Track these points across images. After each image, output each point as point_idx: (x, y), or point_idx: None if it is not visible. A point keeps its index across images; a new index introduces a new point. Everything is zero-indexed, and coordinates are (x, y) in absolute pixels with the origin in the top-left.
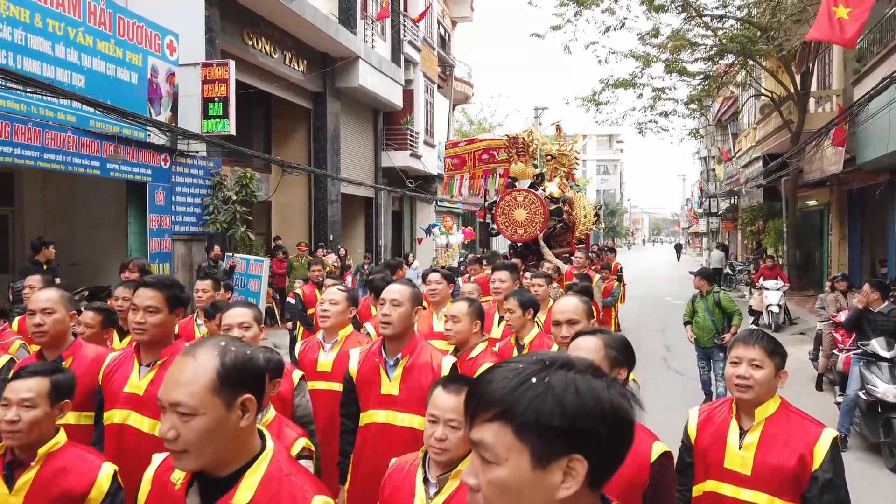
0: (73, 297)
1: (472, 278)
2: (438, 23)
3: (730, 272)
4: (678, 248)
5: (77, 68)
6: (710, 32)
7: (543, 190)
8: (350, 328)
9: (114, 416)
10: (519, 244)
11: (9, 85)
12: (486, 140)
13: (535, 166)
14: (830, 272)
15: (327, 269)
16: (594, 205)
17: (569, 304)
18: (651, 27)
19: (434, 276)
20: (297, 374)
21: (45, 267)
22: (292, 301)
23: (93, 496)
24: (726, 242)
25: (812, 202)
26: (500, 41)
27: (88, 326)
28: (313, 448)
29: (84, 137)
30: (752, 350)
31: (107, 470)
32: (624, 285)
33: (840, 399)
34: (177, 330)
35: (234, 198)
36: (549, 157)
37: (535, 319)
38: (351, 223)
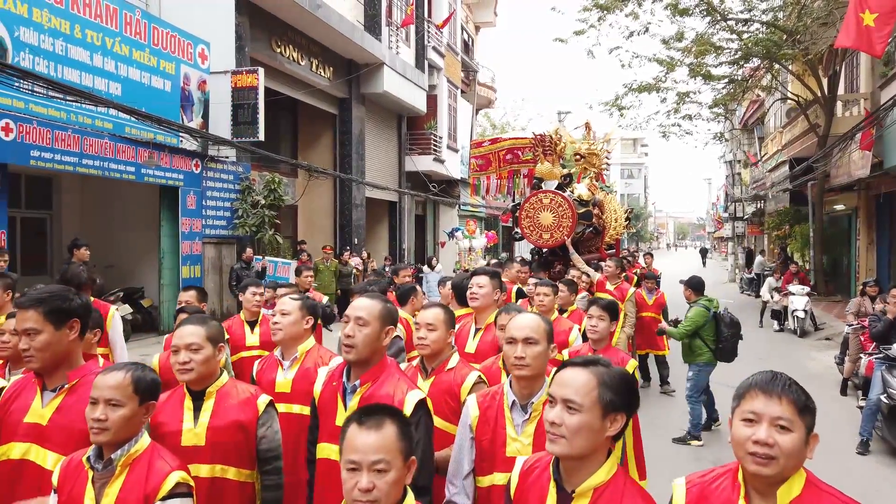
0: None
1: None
2: (462, 28)
3: (755, 277)
4: (703, 252)
5: (114, 77)
6: (734, 36)
7: (571, 192)
8: (311, 342)
9: (10, 450)
10: (544, 250)
11: (50, 93)
12: (510, 139)
13: (563, 166)
14: (858, 278)
15: (352, 272)
16: (624, 208)
17: (527, 320)
18: (675, 31)
19: (480, 279)
20: (262, 401)
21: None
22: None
23: None
24: (752, 247)
25: (840, 207)
26: (524, 45)
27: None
28: (191, 483)
29: (120, 144)
30: (778, 404)
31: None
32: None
33: (863, 403)
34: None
35: (263, 202)
36: (577, 157)
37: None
38: (375, 227)
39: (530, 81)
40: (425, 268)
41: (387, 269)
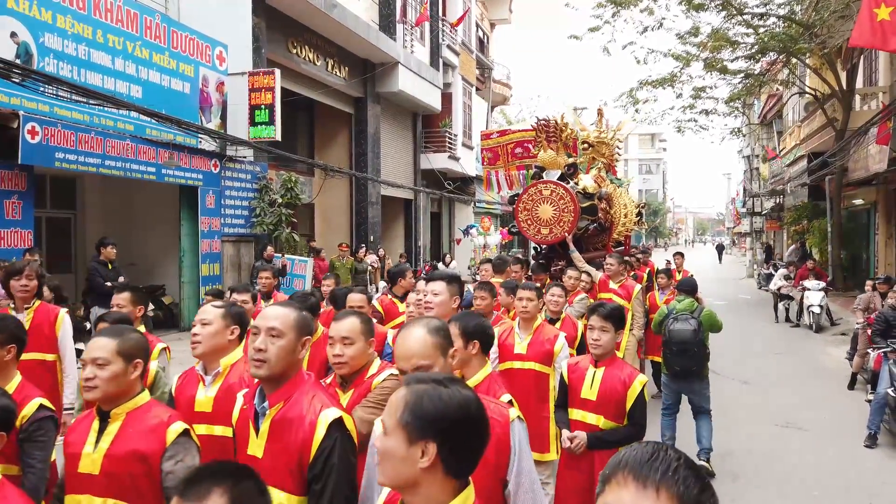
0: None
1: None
2: (477, 26)
3: (773, 272)
4: (720, 248)
5: (135, 80)
6: (750, 31)
7: (576, 183)
8: (237, 355)
9: None
10: (543, 247)
11: (74, 97)
12: (518, 132)
13: (569, 156)
14: (877, 272)
15: (368, 269)
16: (637, 202)
17: (413, 345)
18: (690, 26)
19: (436, 286)
20: (174, 430)
21: (109, 266)
22: None
23: None
24: (771, 242)
25: (858, 201)
26: (539, 42)
27: None
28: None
29: (141, 145)
30: (654, 499)
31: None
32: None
33: (871, 397)
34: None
35: (280, 200)
36: (585, 146)
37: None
38: (391, 224)
39: (546, 78)
40: (440, 265)
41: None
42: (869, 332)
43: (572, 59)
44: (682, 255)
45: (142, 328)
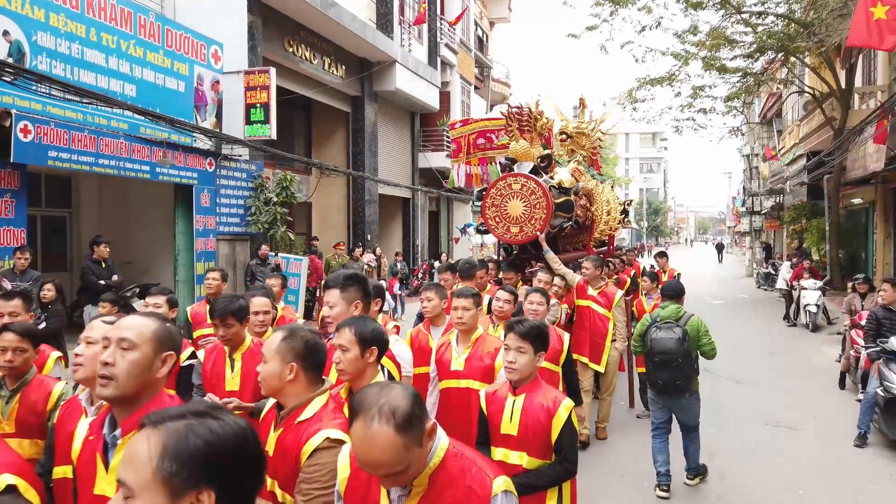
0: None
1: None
2: (476, 24)
3: (772, 272)
4: (720, 248)
5: (128, 78)
6: (749, 29)
7: (551, 177)
8: (33, 372)
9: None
10: (514, 247)
11: (67, 96)
12: (482, 120)
13: (545, 147)
14: (875, 272)
15: (364, 267)
16: (623, 200)
17: (381, 456)
18: (689, 25)
19: (330, 296)
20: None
21: (102, 264)
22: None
23: None
24: (771, 241)
25: (857, 200)
26: (539, 41)
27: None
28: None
29: (135, 143)
30: None
31: None
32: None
33: (861, 396)
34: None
35: (275, 199)
36: (563, 137)
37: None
38: (389, 223)
39: (545, 76)
40: (437, 263)
41: (398, 265)
42: (853, 333)
43: (571, 57)
44: (665, 255)
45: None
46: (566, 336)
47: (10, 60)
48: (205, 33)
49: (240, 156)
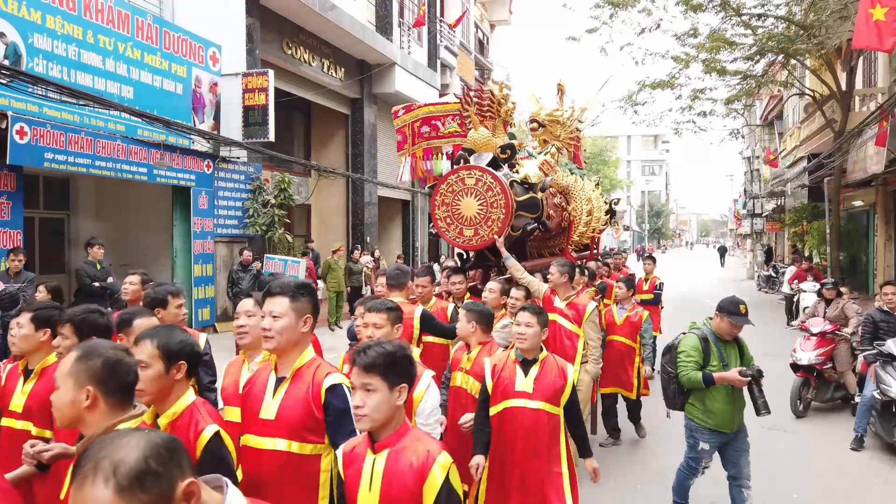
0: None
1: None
2: (476, 27)
3: (773, 274)
4: (722, 251)
5: (126, 80)
6: (749, 31)
7: (516, 171)
8: (52, 357)
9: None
10: (470, 253)
11: (63, 98)
12: (427, 105)
13: (512, 136)
14: (876, 274)
15: (363, 269)
16: (609, 198)
17: None
18: (688, 27)
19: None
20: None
21: (97, 266)
22: None
23: None
24: (772, 244)
25: (857, 203)
26: (539, 43)
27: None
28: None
29: (132, 146)
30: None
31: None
32: (660, 310)
33: (858, 399)
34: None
35: (273, 201)
36: (534, 125)
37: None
38: (388, 225)
39: (546, 79)
40: (436, 265)
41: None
42: (804, 339)
43: (571, 60)
44: (652, 259)
45: None
46: (570, 368)
47: (6, 62)
48: (203, 35)
49: (238, 158)
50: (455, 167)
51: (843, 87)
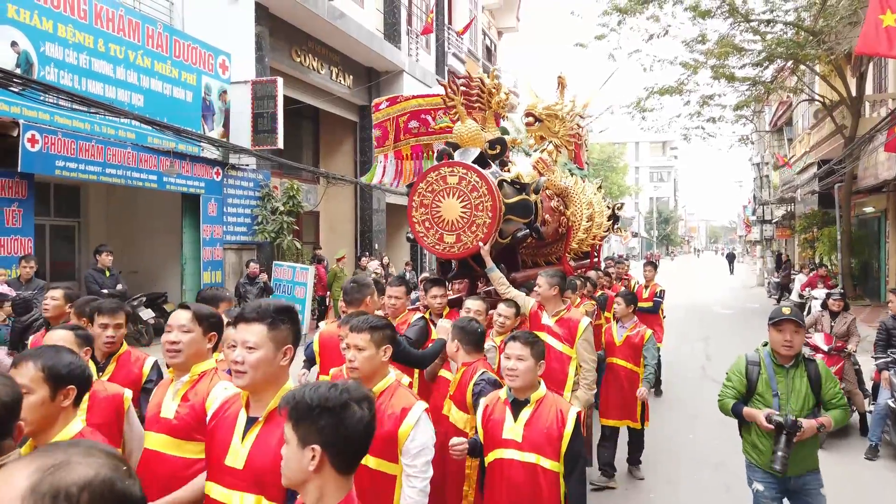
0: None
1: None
2: (484, 34)
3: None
4: (730, 258)
5: (136, 88)
6: (757, 37)
7: (507, 170)
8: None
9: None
10: (452, 262)
11: (74, 106)
12: (415, 98)
13: (504, 132)
14: (888, 281)
15: (371, 276)
16: (612, 202)
17: None
18: (697, 33)
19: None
20: None
21: (106, 273)
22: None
23: None
24: (782, 250)
25: (869, 209)
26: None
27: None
28: None
29: (143, 153)
30: None
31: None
32: (662, 319)
33: (872, 408)
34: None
35: (282, 208)
36: (530, 119)
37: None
38: (397, 232)
39: (553, 85)
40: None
41: (407, 275)
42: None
43: (579, 66)
44: (653, 266)
45: None
46: (572, 411)
47: (19, 71)
48: (213, 43)
49: (247, 165)
50: (433, 165)
51: (854, 93)
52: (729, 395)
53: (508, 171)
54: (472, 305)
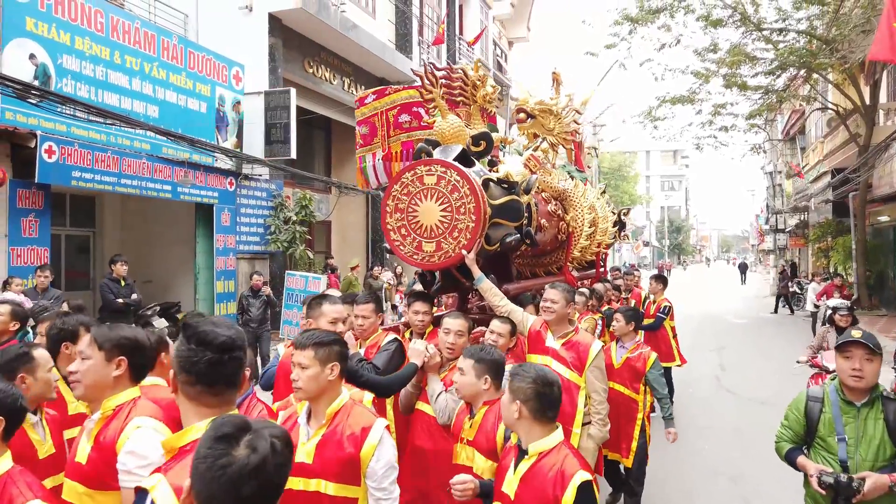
0: None
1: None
2: (495, 44)
3: (797, 290)
4: (743, 268)
5: (152, 100)
6: (770, 46)
7: (496, 171)
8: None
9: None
10: (433, 273)
11: (91, 118)
12: (407, 89)
13: (492, 128)
14: None
15: (383, 286)
16: (616, 206)
17: None
18: (709, 42)
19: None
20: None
21: (121, 283)
22: None
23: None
24: (796, 260)
25: (884, 218)
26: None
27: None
28: None
29: (157, 164)
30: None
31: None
32: (674, 336)
33: None
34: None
35: (294, 218)
36: (521, 115)
37: None
38: None
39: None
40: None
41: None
42: (810, 379)
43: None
44: (662, 279)
45: None
46: (577, 478)
47: (37, 83)
48: (227, 55)
49: (260, 175)
50: (410, 164)
51: (868, 102)
52: (785, 437)
53: (497, 170)
54: (452, 325)
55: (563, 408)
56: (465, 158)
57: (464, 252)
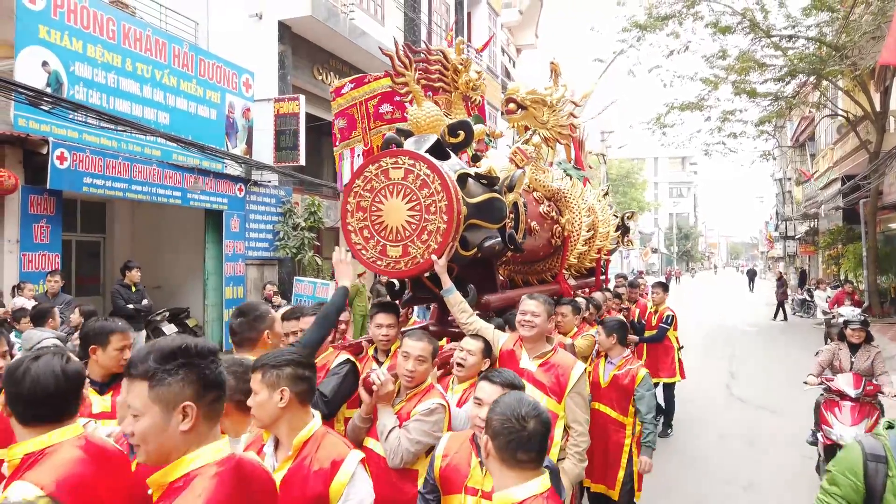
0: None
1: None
2: (503, 51)
3: (808, 298)
4: (751, 275)
5: (162, 107)
6: (779, 53)
7: (478, 165)
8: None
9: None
10: (400, 281)
11: (102, 124)
12: (385, 76)
13: (478, 119)
14: None
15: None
16: (618, 209)
17: None
18: (717, 49)
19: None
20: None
21: (133, 289)
22: None
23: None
24: (805, 267)
25: (895, 225)
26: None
27: None
28: None
29: (167, 170)
30: None
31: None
32: (680, 347)
33: None
34: None
35: (303, 224)
36: (511, 106)
37: None
38: None
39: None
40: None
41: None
42: (823, 407)
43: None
44: (663, 286)
45: None
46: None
47: (49, 90)
48: (236, 62)
49: (269, 182)
50: (373, 156)
51: (878, 108)
52: None
53: (479, 165)
54: (412, 349)
55: None
56: (439, 150)
57: (433, 258)
